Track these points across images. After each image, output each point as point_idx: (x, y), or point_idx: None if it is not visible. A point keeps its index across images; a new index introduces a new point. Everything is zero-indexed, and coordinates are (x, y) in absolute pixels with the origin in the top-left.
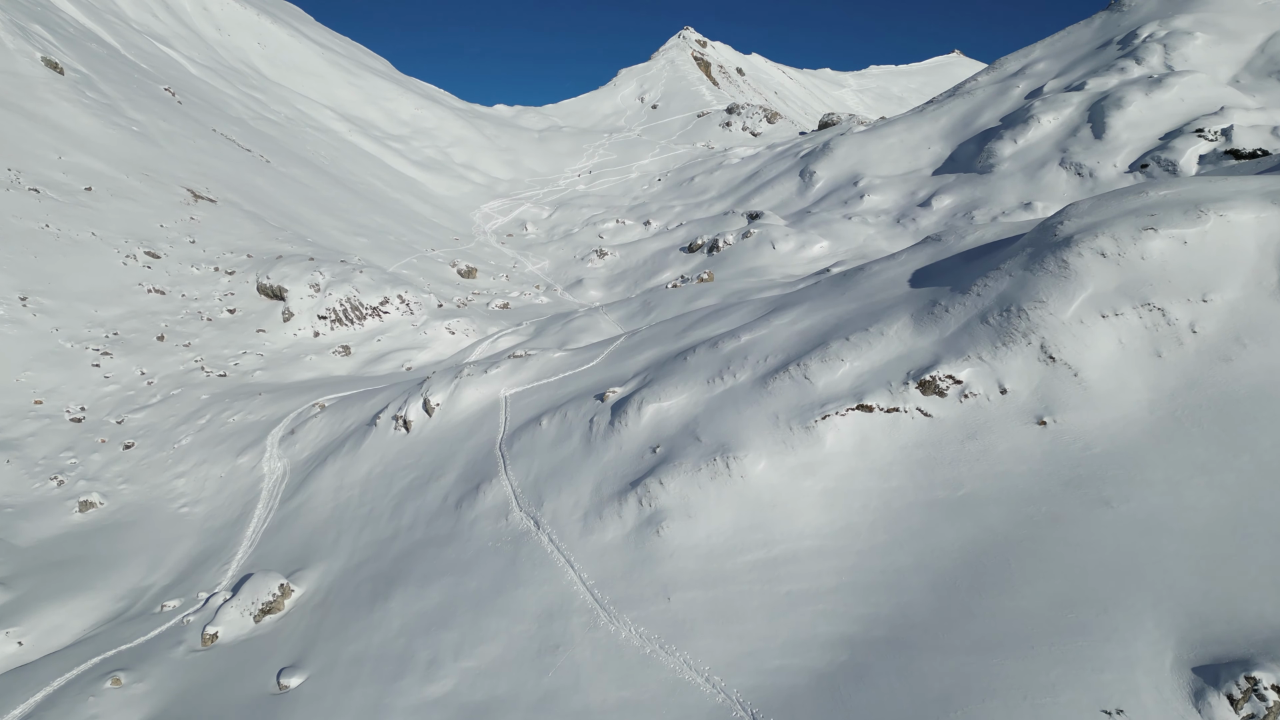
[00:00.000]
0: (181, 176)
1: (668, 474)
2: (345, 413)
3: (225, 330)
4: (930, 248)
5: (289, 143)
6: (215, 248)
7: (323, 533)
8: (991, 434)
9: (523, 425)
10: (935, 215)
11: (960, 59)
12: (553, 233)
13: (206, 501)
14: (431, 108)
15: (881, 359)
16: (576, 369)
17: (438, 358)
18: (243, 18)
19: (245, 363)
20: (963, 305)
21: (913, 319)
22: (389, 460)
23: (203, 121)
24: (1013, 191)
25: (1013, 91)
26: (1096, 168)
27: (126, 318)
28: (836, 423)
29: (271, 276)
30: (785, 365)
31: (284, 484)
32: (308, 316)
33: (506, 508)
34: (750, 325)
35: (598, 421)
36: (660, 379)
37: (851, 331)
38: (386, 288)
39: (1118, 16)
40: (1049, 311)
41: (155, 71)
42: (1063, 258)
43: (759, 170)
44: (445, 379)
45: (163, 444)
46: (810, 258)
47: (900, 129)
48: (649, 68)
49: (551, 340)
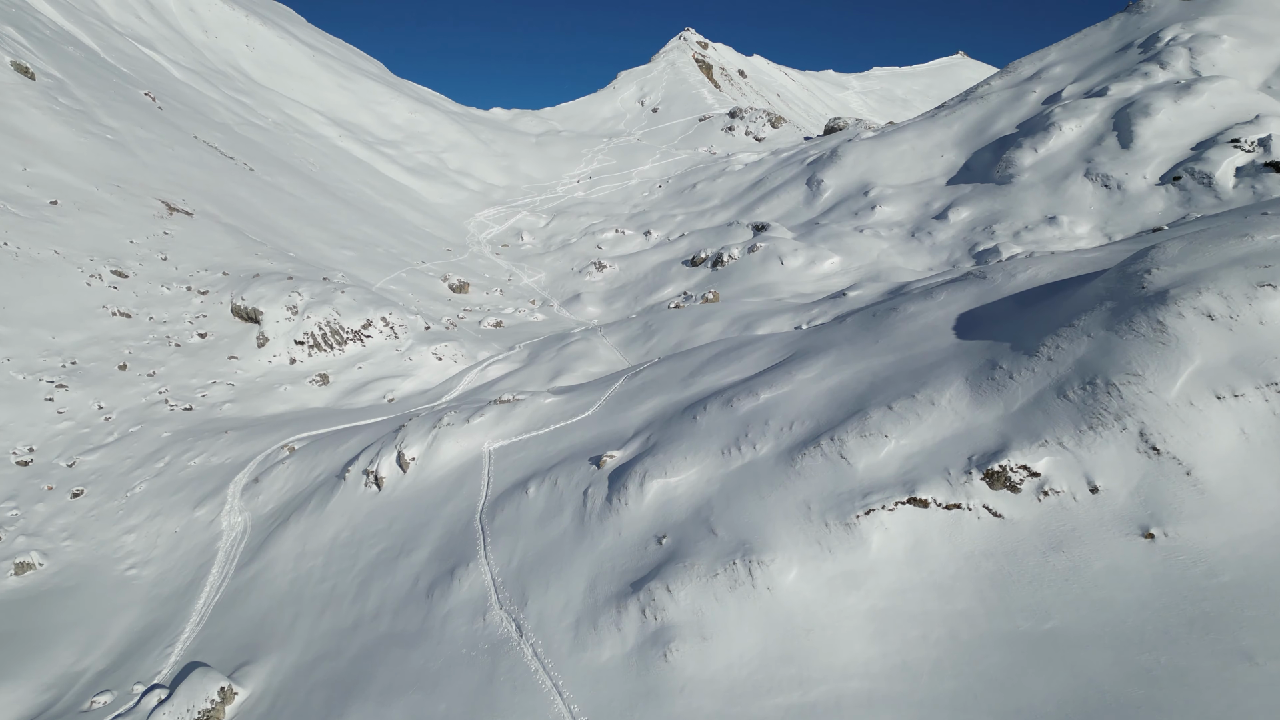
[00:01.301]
0: (156, 187)
1: (677, 578)
2: (315, 459)
3: (194, 357)
4: (974, 286)
5: (275, 149)
6: (189, 264)
7: (279, 613)
8: (1082, 546)
9: (507, 491)
10: (953, 229)
11: (965, 60)
12: (549, 243)
13: (157, 562)
14: (426, 111)
15: (934, 437)
16: (570, 419)
17: (423, 386)
18: (230, 19)
19: (214, 394)
20: (1030, 371)
21: (969, 385)
22: (357, 524)
23: (184, 128)
24: (1035, 204)
25: (1029, 97)
26: (1125, 180)
27: (87, 344)
28: (883, 520)
29: (246, 297)
30: (816, 438)
31: (243, 544)
32: (284, 342)
33: (485, 603)
34: (769, 377)
35: (593, 495)
36: (665, 444)
37: (894, 398)
38: (370, 309)
39: (1137, 18)
40: (1147, 388)
41: (136, 75)
42: (1158, 318)
43: (763, 178)
44: (422, 428)
45: (115, 492)
46: (821, 274)
47: (911, 135)
48: (649, 70)
49: (545, 369)
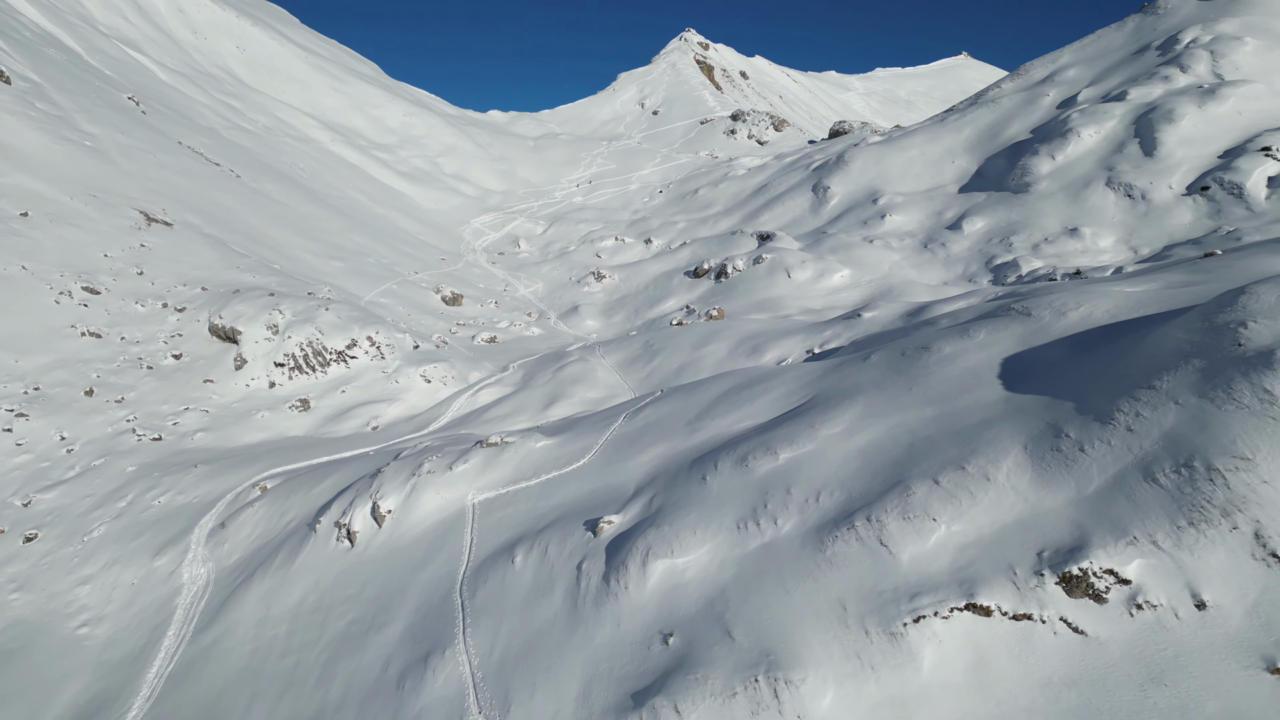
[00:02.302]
0: (135, 197)
1: (688, 695)
2: (287, 501)
3: (167, 381)
4: (1017, 324)
5: (264, 154)
6: (166, 279)
7: (235, 693)
8: (1190, 678)
9: (491, 557)
10: (967, 240)
11: (968, 61)
12: (547, 250)
13: (111, 620)
14: (421, 114)
15: (992, 523)
16: (563, 468)
17: (410, 411)
18: (221, 20)
19: (186, 422)
20: (1105, 444)
21: (1029, 456)
22: (326, 587)
23: (168, 133)
24: (1054, 214)
25: (1042, 100)
26: (1149, 189)
27: (52, 368)
28: (936, 629)
29: (224, 316)
30: (849, 515)
31: (204, 601)
32: (263, 363)
33: (461, 704)
34: (788, 430)
35: (588, 571)
36: (671, 512)
37: (940, 468)
38: (355, 328)
39: (1153, 19)
40: (1260, 476)
41: (120, 79)
42: (1266, 387)
43: (768, 183)
44: (400, 475)
45: (71, 535)
46: (830, 288)
47: (920, 140)
48: (650, 71)
49: (539, 394)
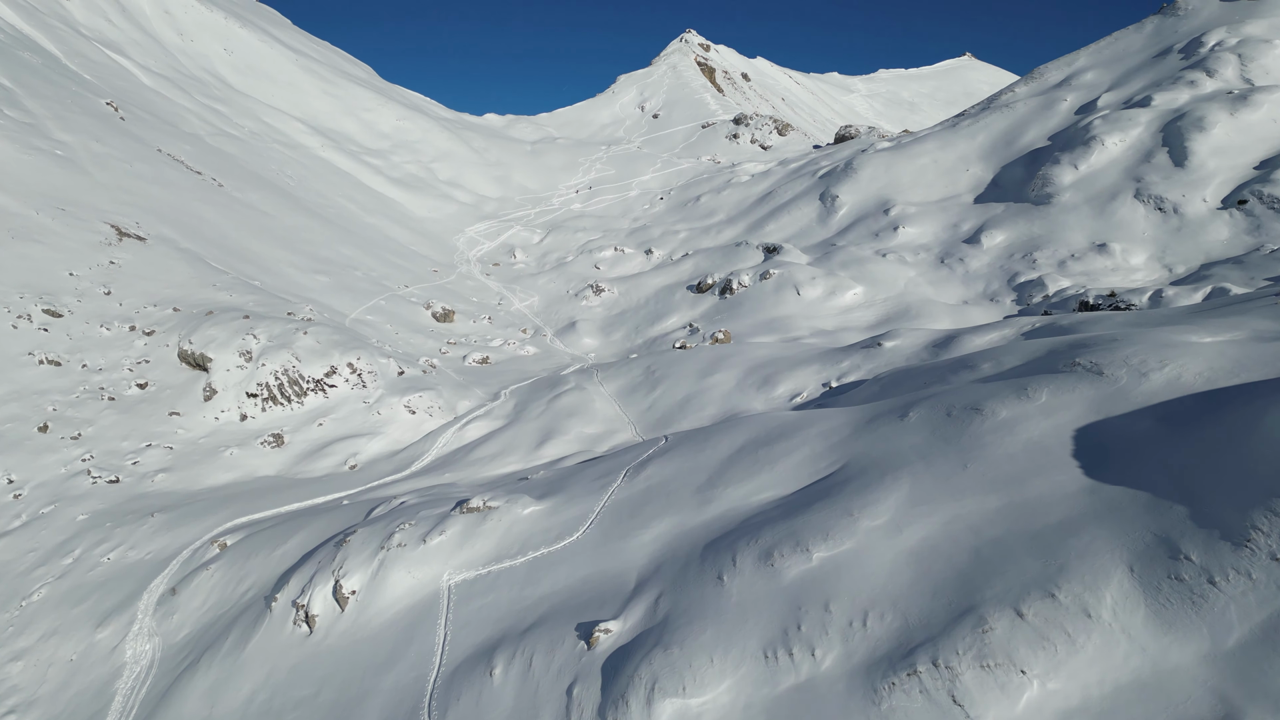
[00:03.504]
0: (107, 209)
1: None
2: (245, 565)
3: (130, 413)
4: (1086, 385)
5: (250, 161)
6: (135, 299)
7: None
8: None
9: (467, 663)
10: (987, 255)
11: (972, 62)
12: (544, 261)
13: (44, 704)
14: (415, 118)
15: (1102, 682)
16: (553, 544)
17: (393, 447)
18: (208, 21)
19: (147, 460)
20: (1245, 576)
21: (1139, 583)
22: (278, 684)
23: (147, 140)
24: (1079, 229)
25: (1059, 105)
26: (1182, 202)
27: (4, 400)
28: None
29: (194, 341)
30: (909, 654)
31: (145, 687)
32: (234, 394)
33: None
34: (820, 517)
35: (580, 700)
36: (681, 624)
37: (1021, 593)
38: (335, 353)
39: (1173, 21)
40: None
41: (99, 83)
42: None
43: (773, 191)
44: (368, 548)
45: (9, 599)
46: (843, 307)
47: (932, 147)
48: (650, 74)
49: (532, 429)
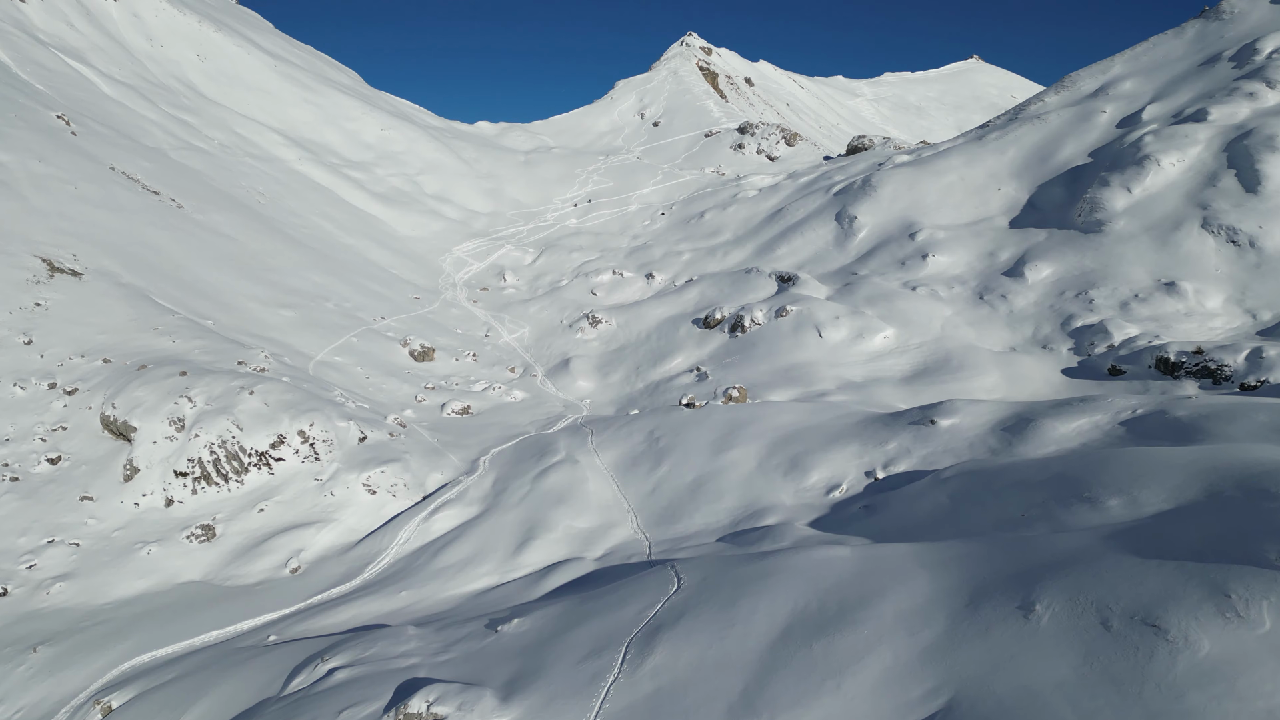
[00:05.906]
0: (39, 240)
1: None
2: None
3: (33, 499)
4: None
5: (218, 178)
6: (60, 348)
7: None
8: None
9: None
10: (1033, 292)
11: (980, 65)
12: (536, 285)
13: None
14: (402, 127)
15: None
16: None
17: (346, 538)
18: (180, 26)
19: (46, 563)
20: None
21: None
22: None
23: (99, 157)
24: (1140, 263)
25: (1097, 118)
26: (1259, 235)
27: None
28: None
29: (119, 405)
30: None
31: None
32: (160, 472)
33: None
34: None
35: None
36: None
37: None
38: (285, 418)
39: (1218, 25)
40: None
41: (52, 93)
42: None
43: (783, 207)
44: None
45: None
46: (871, 352)
47: (958, 163)
48: (650, 79)
49: (511, 521)
